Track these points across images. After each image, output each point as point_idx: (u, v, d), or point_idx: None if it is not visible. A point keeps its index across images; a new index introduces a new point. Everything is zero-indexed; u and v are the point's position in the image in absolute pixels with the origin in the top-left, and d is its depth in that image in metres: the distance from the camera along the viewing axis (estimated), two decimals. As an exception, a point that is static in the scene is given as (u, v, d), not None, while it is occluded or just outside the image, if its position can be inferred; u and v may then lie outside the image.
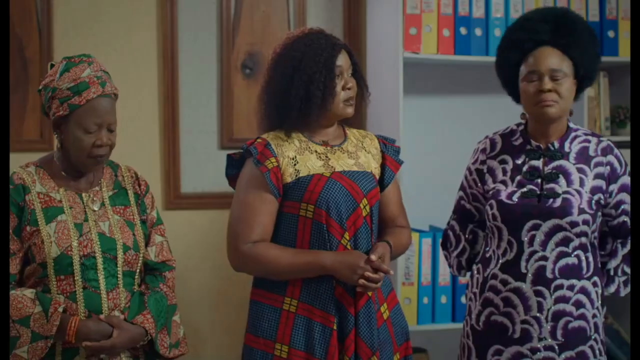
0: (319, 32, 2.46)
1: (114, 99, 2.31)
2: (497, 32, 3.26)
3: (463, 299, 3.21)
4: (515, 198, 2.41)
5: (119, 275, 2.29)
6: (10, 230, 2.24)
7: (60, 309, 2.19)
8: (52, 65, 2.33)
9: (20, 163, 2.40)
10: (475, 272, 2.55)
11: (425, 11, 3.21)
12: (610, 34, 3.47)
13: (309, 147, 2.43)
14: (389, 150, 2.54)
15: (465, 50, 3.26)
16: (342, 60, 2.40)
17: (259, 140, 2.42)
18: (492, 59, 3.25)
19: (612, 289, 2.52)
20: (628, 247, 2.48)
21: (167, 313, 2.37)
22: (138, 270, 2.36)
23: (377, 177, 2.49)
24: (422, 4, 3.20)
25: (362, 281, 2.29)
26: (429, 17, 3.21)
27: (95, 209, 2.31)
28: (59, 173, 2.32)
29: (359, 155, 2.47)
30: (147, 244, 2.40)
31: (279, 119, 2.42)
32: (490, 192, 2.48)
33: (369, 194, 2.41)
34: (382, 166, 2.51)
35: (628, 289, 2.51)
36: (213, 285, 3.37)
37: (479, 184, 2.55)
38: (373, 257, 2.30)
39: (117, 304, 2.28)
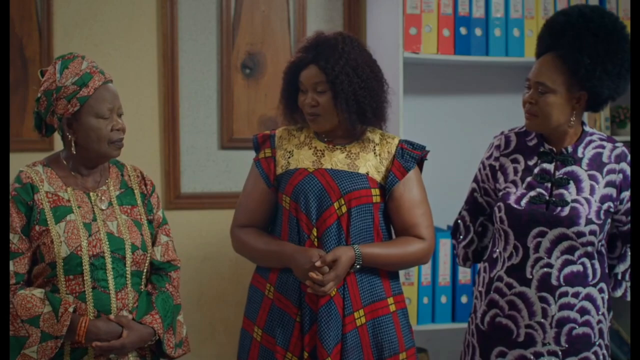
0: (307, 42, 2.51)
1: (113, 84, 2.33)
2: (497, 32, 3.26)
3: (463, 299, 3.21)
4: (523, 203, 2.39)
5: (127, 275, 2.29)
6: (19, 230, 2.23)
7: (71, 309, 2.19)
8: (42, 73, 2.31)
9: (20, 163, 2.40)
10: (482, 270, 2.54)
11: (425, 11, 3.20)
12: (610, 34, 3.46)
13: (311, 143, 2.50)
14: (403, 156, 2.50)
15: (465, 50, 3.26)
16: (304, 76, 2.46)
17: (267, 132, 2.57)
18: (492, 59, 3.28)
19: (619, 293, 2.49)
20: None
21: (173, 313, 2.37)
22: (145, 270, 2.37)
23: (379, 180, 2.47)
24: (422, 4, 3.20)
25: (308, 282, 2.33)
26: (429, 17, 3.21)
27: (103, 208, 2.31)
28: (67, 172, 2.32)
29: (360, 156, 2.47)
30: (153, 244, 2.41)
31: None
32: (500, 193, 2.46)
33: (350, 194, 2.40)
34: (388, 171, 2.49)
35: None
36: (212, 286, 3.37)
37: (491, 180, 2.53)
38: (318, 262, 2.32)
39: (126, 304, 2.28)
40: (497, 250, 2.47)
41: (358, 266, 2.38)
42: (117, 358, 2.28)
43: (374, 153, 2.49)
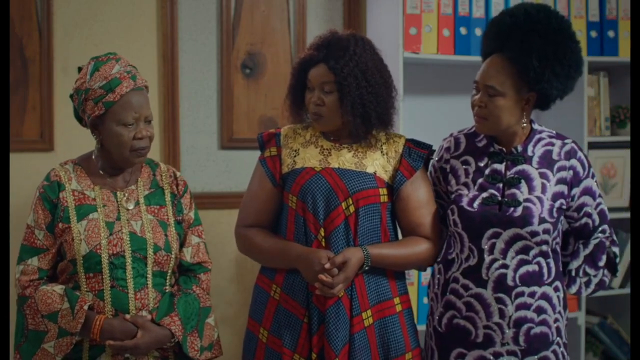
0: (319, 40, 2.48)
1: (146, 91, 2.34)
2: (497, 32, 3.26)
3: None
4: (476, 205, 2.38)
5: (148, 276, 2.29)
6: (44, 226, 2.28)
7: (86, 307, 2.21)
8: (80, 69, 2.35)
9: (20, 163, 2.40)
10: (437, 272, 2.52)
11: (425, 11, 3.21)
12: (610, 34, 3.47)
13: (317, 142, 2.48)
14: (411, 155, 2.48)
15: (465, 50, 3.26)
16: (313, 74, 2.43)
17: (272, 130, 2.54)
18: (492, 59, 3.27)
19: (573, 289, 2.49)
20: (590, 248, 2.46)
21: (199, 315, 2.36)
22: (170, 271, 2.36)
23: (387, 180, 2.45)
24: (422, 4, 3.20)
25: (317, 284, 2.30)
26: (429, 17, 3.21)
27: (130, 207, 2.32)
28: (96, 171, 2.35)
29: (368, 155, 2.46)
30: (182, 245, 2.40)
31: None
32: (453, 196, 2.45)
33: (357, 194, 2.39)
34: (396, 170, 2.47)
35: (590, 290, 2.48)
36: (212, 286, 3.35)
37: (442, 183, 2.52)
38: (327, 264, 2.29)
39: (145, 304, 2.28)
40: (454, 252, 2.45)
41: (367, 267, 2.37)
42: (134, 358, 2.28)
43: (381, 152, 2.48)
